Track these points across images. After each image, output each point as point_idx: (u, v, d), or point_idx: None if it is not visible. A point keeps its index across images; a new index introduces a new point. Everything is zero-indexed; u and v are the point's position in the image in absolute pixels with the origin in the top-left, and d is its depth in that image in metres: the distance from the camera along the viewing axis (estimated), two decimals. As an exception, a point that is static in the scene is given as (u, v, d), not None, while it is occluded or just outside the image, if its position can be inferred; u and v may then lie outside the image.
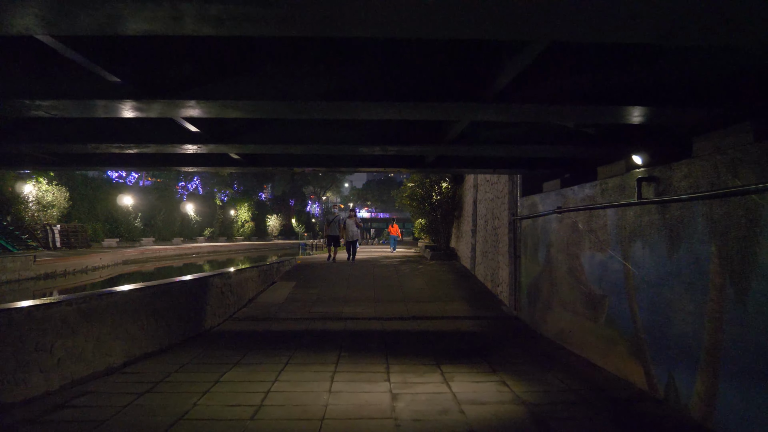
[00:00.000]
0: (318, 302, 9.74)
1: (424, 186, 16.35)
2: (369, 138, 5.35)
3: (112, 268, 19.46)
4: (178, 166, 7.31)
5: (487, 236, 11.17)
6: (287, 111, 4.13)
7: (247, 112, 4.17)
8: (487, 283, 11.00)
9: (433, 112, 3.97)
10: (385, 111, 3.91)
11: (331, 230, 15.94)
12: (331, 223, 15.99)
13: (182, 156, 6.97)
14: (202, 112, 4.10)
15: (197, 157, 7.02)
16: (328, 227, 16.00)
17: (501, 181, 9.85)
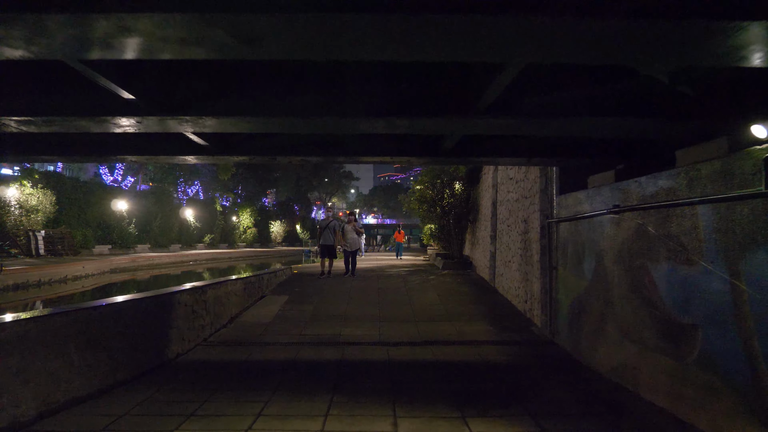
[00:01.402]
0: (312, 321, 8.20)
1: (435, 187, 14.79)
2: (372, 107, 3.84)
3: (97, 277, 18.03)
4: (110, 154, 5.80)
5: (510, 243, 9.61)
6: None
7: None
8: (512, 298, 9.43)
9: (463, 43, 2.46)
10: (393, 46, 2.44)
11: (325, 238, 12.50)
12: (325, 230, 12.48)
13: (114, 138, 5.50)
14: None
15: (137, 139, 5.54)
16: (322, 235, 12.56)
17: (529, 178, 8.31)
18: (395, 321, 8.19)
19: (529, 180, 8.33)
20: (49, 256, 19.71)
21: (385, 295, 10.32)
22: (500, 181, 10.66)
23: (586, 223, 6.03)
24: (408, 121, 3.95)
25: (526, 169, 8.58)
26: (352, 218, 13.31)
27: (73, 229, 23.27)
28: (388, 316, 8.56)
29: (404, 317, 8.46)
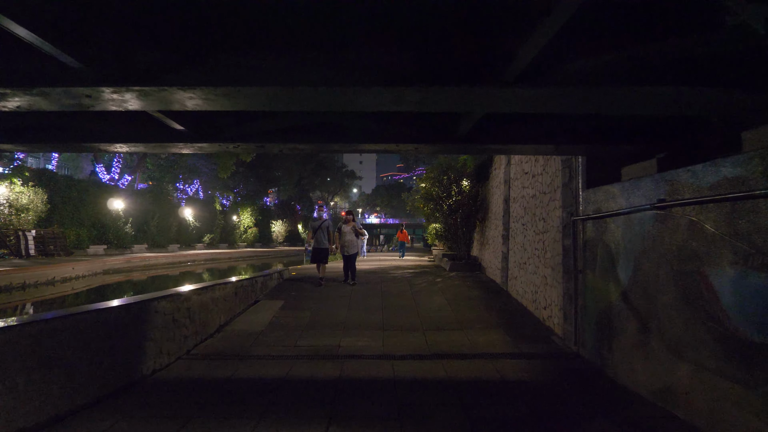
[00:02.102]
0: (309, 330, 7.42)
1: (442, 184, 13.97)
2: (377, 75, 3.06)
3: (88, 279, 17.29)
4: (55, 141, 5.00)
5: (525, 243, 8.82)
6: None
7: None
8: (527, 304, 8.63)
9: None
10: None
11: (317, 241, 10.90)
12: (317, 231, 10.87)
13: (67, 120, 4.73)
14: None
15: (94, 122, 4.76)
16: (314, 236, 10.95)
17: (549, 172, 7.51)
18: (401, 330, 7.41)
19: (549, 174, 7.53)
20: (39, 256, 18.99)
21: (389, 299, 9.53)
22: (513, 177, 9.86)
23: (622, 221, 5.23)
24: (419, 93, 3.15)
25: (544, 162, 7.78)
26: (350, 218, 11.41)
27: (66, 228, 22.55)
28: (393, 323, 7.77)
29: (410, 325, 7.67)
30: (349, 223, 11.37)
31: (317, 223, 10.99)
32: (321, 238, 10.87)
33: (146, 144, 4.92)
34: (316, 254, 10.99)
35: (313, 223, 11.10)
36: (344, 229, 11.29)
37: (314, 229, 10.95)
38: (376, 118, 4.58)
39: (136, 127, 4.85)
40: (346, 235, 11.25)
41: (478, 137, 4.83)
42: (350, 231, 11.27)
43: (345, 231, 11.27)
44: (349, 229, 11.28)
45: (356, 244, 11.36)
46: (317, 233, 10.86)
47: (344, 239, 11.24)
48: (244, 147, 5.09)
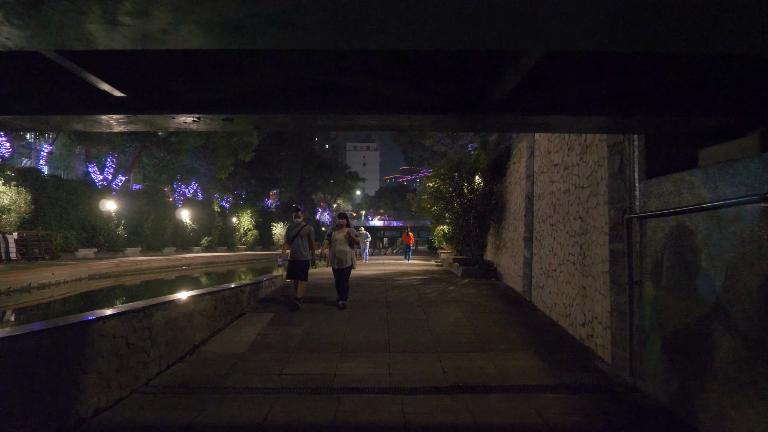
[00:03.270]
0: (299, 352, 6.16)
1: (453, 181, 12.68)
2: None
3: (69, 285, 16.06)
4: None
5: (556, 247, 7.54)
6: None
7: None
8: (558, 318, 7.35)
9: None
10: None
11: (295, 251, 8.52)
12: (295, 239, 8.49)
13: None
14: None
15: None
16: (291, 245, 8.62)
17: (588, 161, 6.25)
18: (410, 351, 6.13)
19: (588, 164, 6.25)
20: (22, 260, 17.80)
21: (395, 312, 8.26)
22: (538, 170, 8.59)
23: (705, 219, 3.95)
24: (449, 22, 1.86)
25: (581, 150, 6.51)
26: (343, 222, 8.80)
27: (53, 231, 21.39)
28: (401, 343, 6.50)
29: (422, 345, 6.39)
30: (341, 228, 8.72)
31: (294, 231, 8.53)
32: (299, 248, 8.47)
33: (68, 116, 3.66)
34: (293, 268, 8.49)
35: (289, 230, 8.65)
36: (335, 237, 8.69)
37: (290, 237, 8.53)
38: (382, 75, 3.33)
39: (55, 93, 3.60)
40: (336, 244, 8.64)
41: (516, 104, 3.56)
42: (343, 239, 8.62)
43: (336, 239, 8.66)
44: (342, 237, 8.62)
45: (350, 256, 8.65)
46: (294, 242, 8.48)
47: (335, 249, 8.63)
48: (207, 120, 3.83)
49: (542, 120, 3.84)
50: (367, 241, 23.89)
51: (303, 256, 8.50)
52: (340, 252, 8.58)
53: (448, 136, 27.27)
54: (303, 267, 8.53)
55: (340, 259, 8.58)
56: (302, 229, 8.53)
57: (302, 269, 8.53)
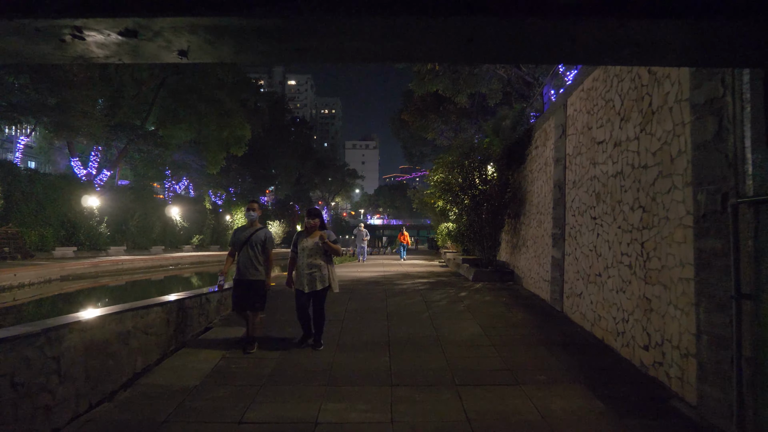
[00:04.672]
0: (271, 386, 4.61)
1: (463, 170, 11.12)
2: None
3: (34, 288, 14.49)
4: None
5: (600, 245, 6.00)
6: None
7: None
8: (605, 336, 5.81)
9: None
10: None
11: (243, 268, 5.70)
12: (244, 248, 5.72)
13: None
14: None
15: None
16: (239, 254, 5.76)
17: (658, 131, 4.71)
18: (419, 384, 4.59)
19: (656, 135, 4.72)
20: (-11, 260, 16.23)
21: (398, 325, 6.72)
22: (573, 152, 7.06)
23: None
24: None
25: (642, 118, 4.99)
26: (314, 223, 5.81)
27: (27, 228, 19.82)
28: (407, 370, 4.96)
29: (434, 374, 4.85)
30: (313, 233, 5.74)
31: (245, 233, 5.74)
32: (249, 261, 5.61)
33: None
34: (240, 293, 5.65)
35: (238, 233, 5.83)
36: (303, 244, 5.69)
37: (238, 244, 5.73)
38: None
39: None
40: (305, 255, 5.66)
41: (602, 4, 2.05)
42: (315, 248, 5.66)
43: (305, 247, 5.68)
44: (313, 244, 5.66)
45: (327, 272, 5.70)
46: (243, 252, 5.65)
47: (303, 262, 5.66)
48: (97, 34, 2.29)
49: (643, 28, 2.30)
50: (366, 239, 22.06)
51: (255, 273, 5.57)
52: (311, 267, 5.59)
53: (450, 129, 25.70)
54: (256, 290, 5.57)
55: (312, 277, 5.58)
56: (256, 233, 5.66)
57: (254, 294, 5.56)
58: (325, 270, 5.68)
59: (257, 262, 5.63)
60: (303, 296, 5.66)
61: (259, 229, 5.80)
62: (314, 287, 5.62)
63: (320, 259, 5.66)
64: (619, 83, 5.56)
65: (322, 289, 5.67)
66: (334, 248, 5.70)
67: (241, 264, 5.65)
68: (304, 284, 5.62)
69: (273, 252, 5.83)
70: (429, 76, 15.31)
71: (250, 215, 5.82)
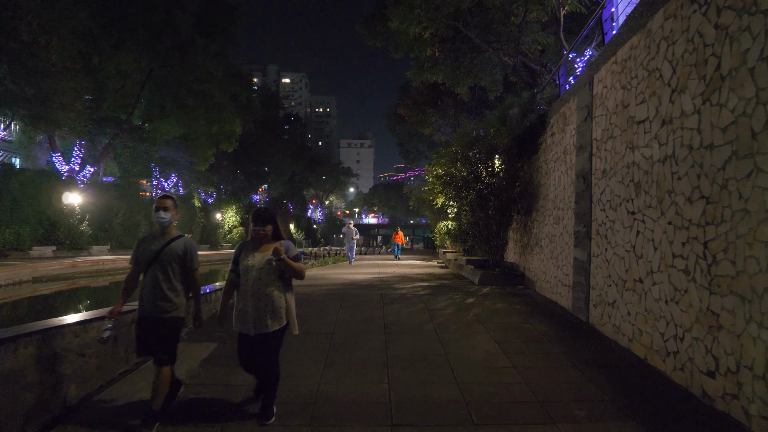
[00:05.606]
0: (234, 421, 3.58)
1: (467, 161, 10.08)
2: None
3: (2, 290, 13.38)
4: None
5: (642, 244, 5.00)
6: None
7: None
8: (649, 354, 4.80)
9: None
10: None
11: (149, 295, 3.67)
12: (152, 268, 3.70)
13: None
14: None
15: None
16: (144, 277, 3.76)
17: (731, 99, 3.71)
18: (428, 424, 3.57)
19: (729, 105, 3.72)
20: (-45, 260, 15.07)
21: (398, 341, 5.69)
22: (603, 136, 6.05)
23: None
24: None
25: (706, 87, 3.98)
26: (265, 232, 3.72)
27: (1, 226, 18.72)
28: (410, 401, 3.95)
29: (444, 408, 3.83)
30: (264, 244, 3.75)
31: (154, 245, 3.75)
32: (159, 288, 3.68)
33: None
34: (143, 334, 3.72)
35: (144, 244, 3.82)
36: (248, 262, 3.69)
37: (144, 261, 3.74)
38: None
39: None
40: (251, 277, 3.66)
41: None
42: (264, 267, 3.66)
43: (250, 266, 3.67)
44: (263, 263, 3.66)
45: (282, 302, 3.70)
46: (150, 273, 3.70)
47: (245, 290, 3.68)
48: None
49: None
50: (355, 239, 20.21)
51: (166, 306, 3.67)
52: (258, 296, 3.62)
53: (449, 124, 24.68)
54: (166, 333, 3.68)
55: (260, 312, 3.62)
56: (170, 246, 3.73)
57: (163, 337, 3.67)
58: (281, 301, 3.65)
59: (170, 289, 3.66)
60: (247, 342, 3.66)
61: (176, 238, 3.79)
62: (263, 327, 3.58)
63: (273, 285, 3.62)
64: (669, 47, 4.56)
65: (275, 330, 3.62)
66: (295, 268, 3.64)
67: (146, 293, 3.67)
68: (248, 322, 3.58)
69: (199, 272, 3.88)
70: (428, 64, 14.29)
71: (161, 218, 3.76)
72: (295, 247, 3.78)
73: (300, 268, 3.73)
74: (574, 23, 14.25)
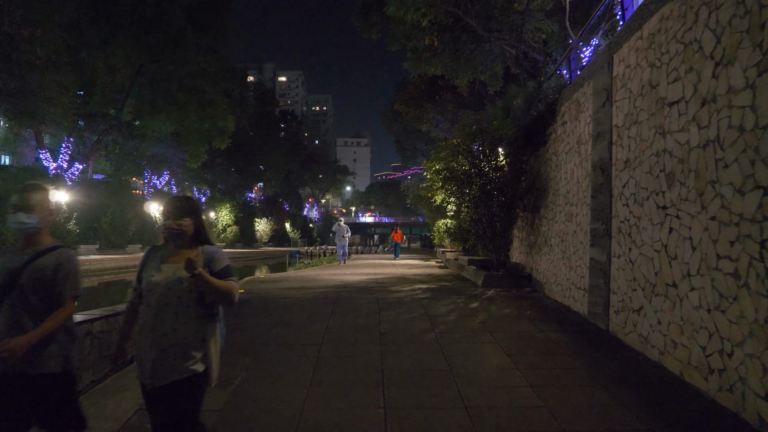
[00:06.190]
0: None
1: (470, 154, 9.41)
2: None
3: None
4: None
5: (676, 243, 4.34)
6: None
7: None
8: (685, 370, 4.15)
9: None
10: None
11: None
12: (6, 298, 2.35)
13: None
14: None
15: None
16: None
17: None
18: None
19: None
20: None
21: (395, 351, 5.03)
22: (625, 122, 5.40)
23: None
24: None
25: (761, 57, 3.34)
26: (177, 229, 2.36)
27: (-17, 225, 17.92)
28: (410, 429, 3.29)
29: (453, 442, 3.19)
30: (177, 251, 2.42)
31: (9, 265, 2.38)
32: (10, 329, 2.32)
33: None
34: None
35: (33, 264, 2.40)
36: (153, 277, 2.35)
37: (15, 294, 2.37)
38: None
39: None
40: (153, 298, 2.32)
41: None
42: (174, 285, 2.32)
43: (155, 282, 2.34)
44: (172, 279, 2.33)
45: (199, 338, 2.35)
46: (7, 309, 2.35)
47: (146, 319, 2.32)
48: None
49: None
50: (347, 237, 18.90)
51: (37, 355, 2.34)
52: (161, 331, 2.28)
53: (447, 120, 24.00)
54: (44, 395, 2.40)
55: (164, 353, 2.28)
56: (35, 263, 2.39)
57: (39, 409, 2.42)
58: (197, 338, 2.34)
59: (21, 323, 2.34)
60: (150, 400, 2.34)
61: (45, 251, 2.43)
62: (165, 376, 2.27)
63: (186, 314, 2.32)
64: (711, 13, 3.91)
65: (188, 378, 2.30)
66: (219, 289, 2.31)
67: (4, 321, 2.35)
68: (145, 368, 2.29)
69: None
70: (427, 54, 13.60)
71: (21, 223, 2.41)
72: (223, 256, 2.45)
73: (228, 288, 2.31)
74: (578, 12, 13.64)
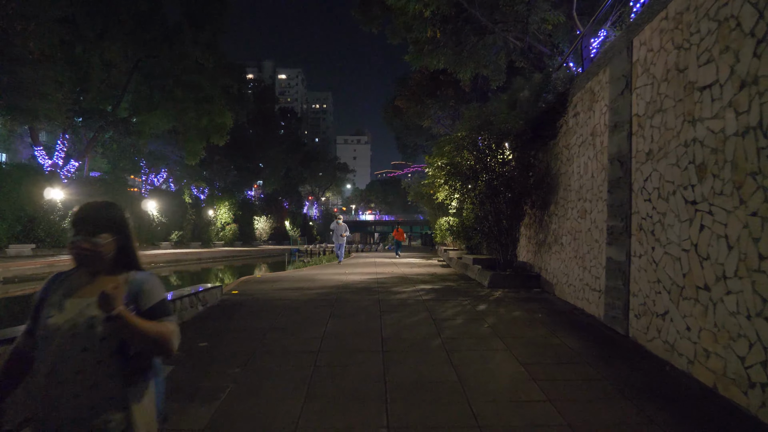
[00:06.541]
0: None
1: (476, 147, 9.00)
2: None
3: (-38, 293, 12.33)
4: None
5: (708, 242, 3.94)
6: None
7: None
8: (719, 382, 3.76)
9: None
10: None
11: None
12: None
13: None
14: None
15: None
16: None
17: None
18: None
19: None
20: None
21: (398, 360, 4.63)
22: (646, 111, 4.99)
23: None
24: None
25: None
26: (87, 248, 1.63)
27: (-26, 223, 17.57)
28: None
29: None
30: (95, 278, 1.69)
31: None
32: None
33: None
34: None
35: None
36: (57, 318, 1.60)
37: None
38: None
39: None
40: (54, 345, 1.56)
41: None
42: (84, 328, 1.57)
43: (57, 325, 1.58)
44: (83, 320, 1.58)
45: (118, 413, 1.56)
46: None
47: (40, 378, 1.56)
48: None
49: None
50: (345, 235, 18.34)
51: None
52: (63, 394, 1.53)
53: (448, 116, 23.59)
54: None
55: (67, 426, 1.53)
56: None
57: None
58: (114, 407, 1.57)
59: None
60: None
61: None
62: None
63: (95, 374, 1.56)
64: (752, -15, 3.51)
65: None
66: (150, 334, 1.56)
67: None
68: None
69: None
70: (429, 47, 13.19)
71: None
72: (157, 287, 1.72)
73: (162, 333, 1.59)
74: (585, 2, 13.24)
